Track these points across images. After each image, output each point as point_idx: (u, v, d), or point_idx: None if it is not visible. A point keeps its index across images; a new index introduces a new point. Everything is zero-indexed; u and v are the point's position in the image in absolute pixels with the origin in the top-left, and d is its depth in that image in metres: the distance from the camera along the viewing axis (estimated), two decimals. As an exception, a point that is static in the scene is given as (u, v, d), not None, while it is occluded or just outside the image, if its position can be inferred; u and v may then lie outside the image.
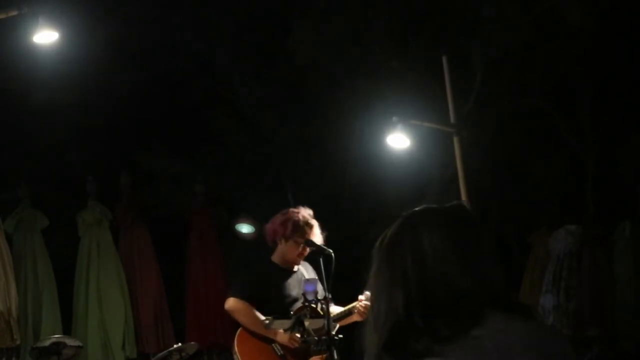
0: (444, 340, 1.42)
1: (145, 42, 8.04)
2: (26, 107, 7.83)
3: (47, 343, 5.89)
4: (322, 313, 4.15)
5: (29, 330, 7.41)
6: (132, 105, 8.28)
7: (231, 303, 4.50)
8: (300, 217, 4.52)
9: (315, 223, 4.55)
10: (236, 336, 4.48)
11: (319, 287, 4.25)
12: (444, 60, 6.25)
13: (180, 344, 5.64)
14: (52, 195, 8.20)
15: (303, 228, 4.48)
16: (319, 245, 4.39)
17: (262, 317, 4.33)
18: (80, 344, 6.22)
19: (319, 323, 4.17)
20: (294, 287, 4.54)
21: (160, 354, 5.64)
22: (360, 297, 4.48)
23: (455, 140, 6.16)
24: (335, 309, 4.43)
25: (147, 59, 8.19)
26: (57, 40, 5.07)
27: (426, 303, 1.46)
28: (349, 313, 4.49)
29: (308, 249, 4.52)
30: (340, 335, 4.15)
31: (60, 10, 5.14)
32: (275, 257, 4.63)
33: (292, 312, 4.28)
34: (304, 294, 4.24)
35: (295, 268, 4.63)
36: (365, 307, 4.42)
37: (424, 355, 1.41)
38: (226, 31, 8.34)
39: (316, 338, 4.14)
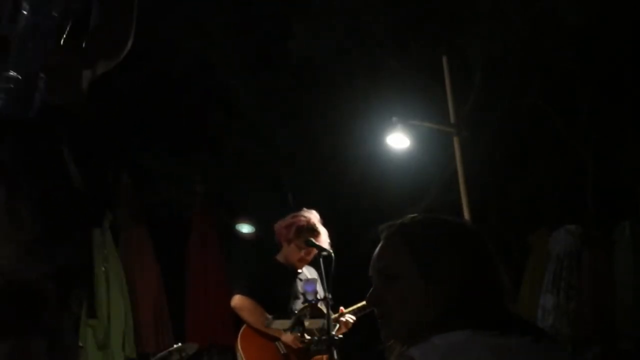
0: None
1: (145, 42, 8.03)
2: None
3: (47, 343, 5.88)
4: (324, 312, 4.14)
5: (29, 330, 7.41)
6: (132, 105, 8.27)
7: (237, 300, 4.47)
8: (305, 223, 4.49)
9: (322, 230, 4.49)
10: (240, 333, 4.47)
11: (319, 287, 4.26)
12: (444, 60, 6.25)
13: (180, 344, 5.63)
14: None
15: (306, 234, 4.45)
16: (318, 245, 4.37)
17: (268, 315, 4.32)
18: (80, 344, 6.22)
19: (319, 323, 4.17)
20: (297, 287, 4.54)
21: (160, 354, 5.62)
22: (342, 308, 4.49)
23: (455, 140, 6.15)
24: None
25: (147, 59, 8.18)
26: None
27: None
28: (339, 318, 4.49)
29: (312, 254, 4.50)
30: (341, 336, 4.15)
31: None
32: (280, 257, 4.63)
33: (295, 312, 4.27)
34: (303, 294, 4.24)
35: (300, 270, 4.63)
36: (347, 320, 4.43)
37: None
38: (226, 31, 8.34)
39: (316, 338, 4.14)
